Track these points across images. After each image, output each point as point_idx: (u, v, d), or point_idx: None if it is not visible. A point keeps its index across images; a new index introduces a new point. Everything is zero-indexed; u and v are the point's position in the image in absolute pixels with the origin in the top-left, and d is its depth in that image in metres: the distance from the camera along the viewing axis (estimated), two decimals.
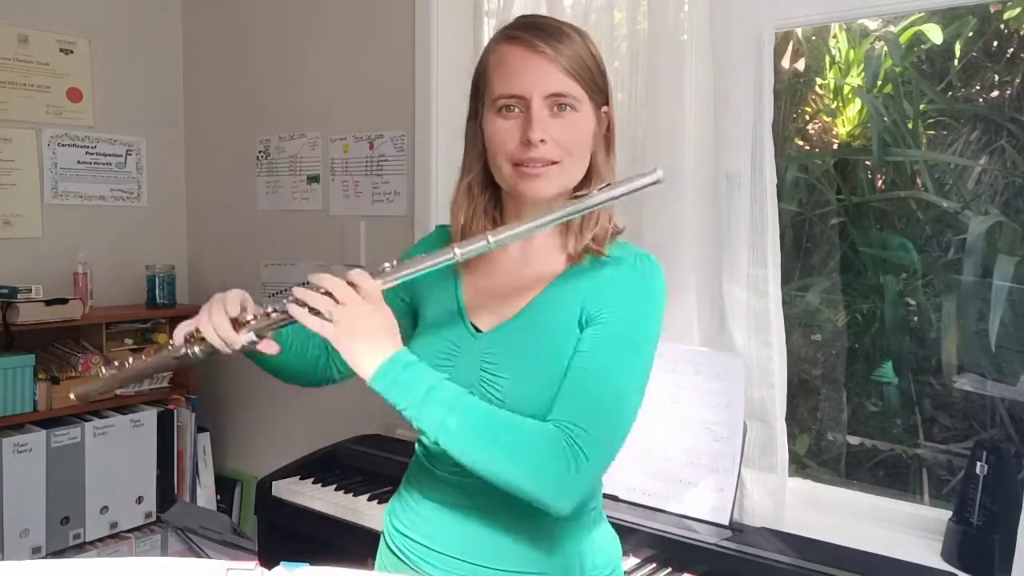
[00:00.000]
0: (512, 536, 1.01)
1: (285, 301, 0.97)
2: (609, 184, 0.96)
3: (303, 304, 0.94)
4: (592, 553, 1.05)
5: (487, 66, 1.03)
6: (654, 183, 0.93)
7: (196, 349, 1.02)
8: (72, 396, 1.10)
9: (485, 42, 2.08)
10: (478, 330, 1.04)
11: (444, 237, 1.13)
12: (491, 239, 0.94)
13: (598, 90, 1.03)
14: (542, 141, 0.97)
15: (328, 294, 0.93)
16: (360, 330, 0.93)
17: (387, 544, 1.13)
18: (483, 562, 1.01)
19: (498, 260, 1.07)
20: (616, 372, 0.96)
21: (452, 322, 1.06)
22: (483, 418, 0.93)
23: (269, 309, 1.00)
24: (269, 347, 1.03)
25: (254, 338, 1.00)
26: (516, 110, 0.98)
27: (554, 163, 0.99)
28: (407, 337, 1.05)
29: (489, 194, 1.07)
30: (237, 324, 1.00)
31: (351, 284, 0.94)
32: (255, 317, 1.00)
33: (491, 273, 1.07)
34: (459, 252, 0.95)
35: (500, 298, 1.05)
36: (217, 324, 1.00)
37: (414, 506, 1.09)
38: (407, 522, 1.09)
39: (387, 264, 0.97)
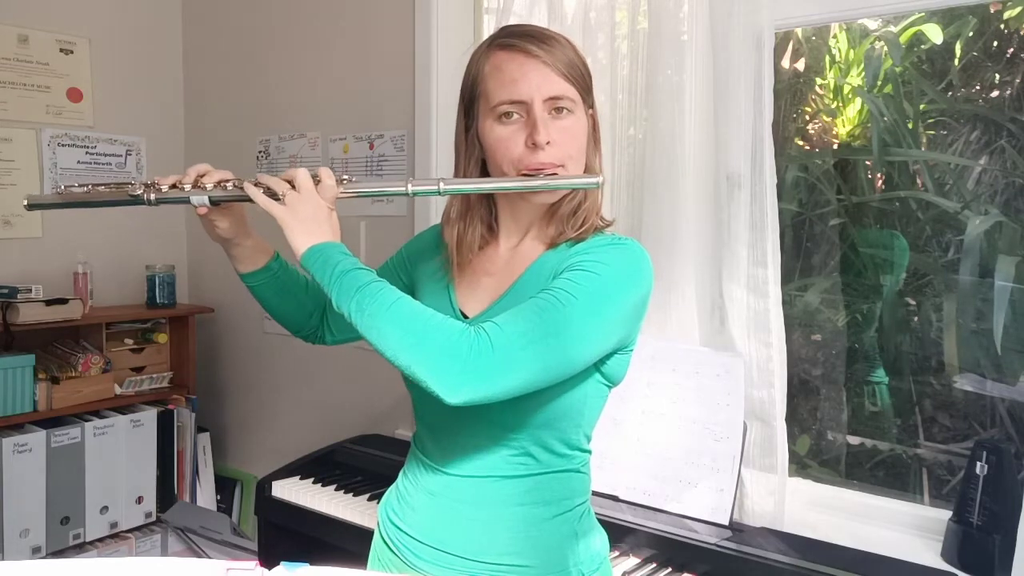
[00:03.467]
0: (499, 529, 1.03)
1: (247, 181, 1.08)
2: (557, 174, 1.01)
3: (262, 186, 1.05)
4: (579, 548, 1.06)
5: (481, 75, 1.04)
6: (595, 184, 1.02)
7: (152, 196, 1.11)
8: (24, 201, 1.20)
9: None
10: (465, 316, 1.07)
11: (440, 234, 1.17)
12: (442, 186, 1.03)
13: (588, 91, 1.06)
14: (548, 143, 0.99)
15: (290, 182, 1.03)
16: (306, 216, 1.01)
17: (380, 534, 1.15)
18: (470, 555, 1.02)
19: (490, 259, 1.10)
20: (557, 305, 0.93)
21: (441, 309, 1.08)
22: (395, 302, 0.94)
23: (229, 183, 1.09)
24: (202, 208, 1.11)
25: (206, 201, 1.09)
26: (516, 116, 1.01)
27: (560, 166, 1.01)
28: None
29: (485, 203, 1.11)
30: (197, 185, 1.10)
31: (316, 179, 1.04)
32: (215, 184, 1.09)
33: (484, 270, 1.11)
34: (411, 187, 1.04)
35: (487, 288, 1.09)
36: (180, 177, 1.10)
37: (407, 497, 1.11)
38: (400, 512, 1.11)
39: (345, 176, 1.07)
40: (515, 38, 1.02)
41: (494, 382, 0.90)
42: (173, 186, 1.10)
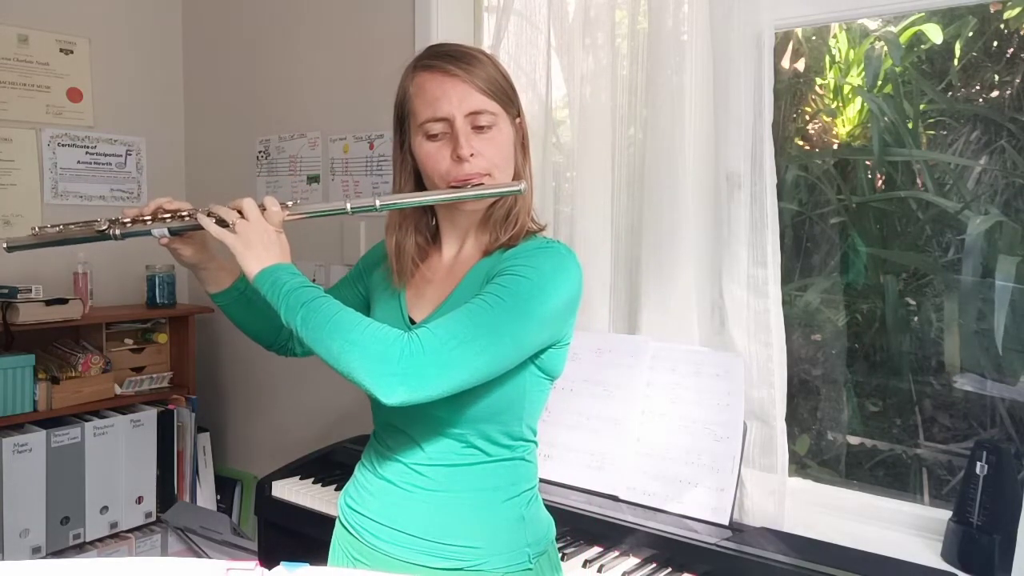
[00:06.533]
0: (451, 512, 1.09)
1: (200, 211, 1.15)
2: (483, 184, 1.09)
3: (214, 216, 1.13)
4: (526, 530, 1.12)
5: (408, 95, 1.12)
6: (519, 191, 1.10)
7: (117, 231, 1.20)
8: (3, 244, 1.28)
9: (486, 40, 2.10)
10: (413, 322, 1.15)
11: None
12: (378, 202, 1.12)
13: (511, 103, 1.13)
14: (472, 155, 1.07)
15: (239, 211, 1.10)
16: (255, 242, 1.08)
17: (341, 523, 1.21)
18: (425, 535, 1.09)
19: (434, 268, 1.19)
20: (486, 308, 1.00)
21: (393, 316, 1.17)
22: (335, 314, 1.00)
23: (185, 214, 1.17)
24: (163, 239, 1.20)
25: (165, 232, 1.18)
26: (442, 132, 1.08)
27: (486, 175, 1.09)
28: None
29: (421, 213, 1.19)
30: (157, 218, 1.19)
31: (261, 207, 1.11)
32: (171, 216, 1.18)
33: (428, 279, 1.18)
34: (350, 206, 1.13)
35: (431, 296, 1.16)
36: (141, 211, 1.20)
37: (366, 484, 1.18)
38: (358, 499, 1.18)
39: (290, 201, 1.15)
40: (436, 59, 1.10)
41: (426, 383, 0.96)
42: (135, 220, 1.19)
